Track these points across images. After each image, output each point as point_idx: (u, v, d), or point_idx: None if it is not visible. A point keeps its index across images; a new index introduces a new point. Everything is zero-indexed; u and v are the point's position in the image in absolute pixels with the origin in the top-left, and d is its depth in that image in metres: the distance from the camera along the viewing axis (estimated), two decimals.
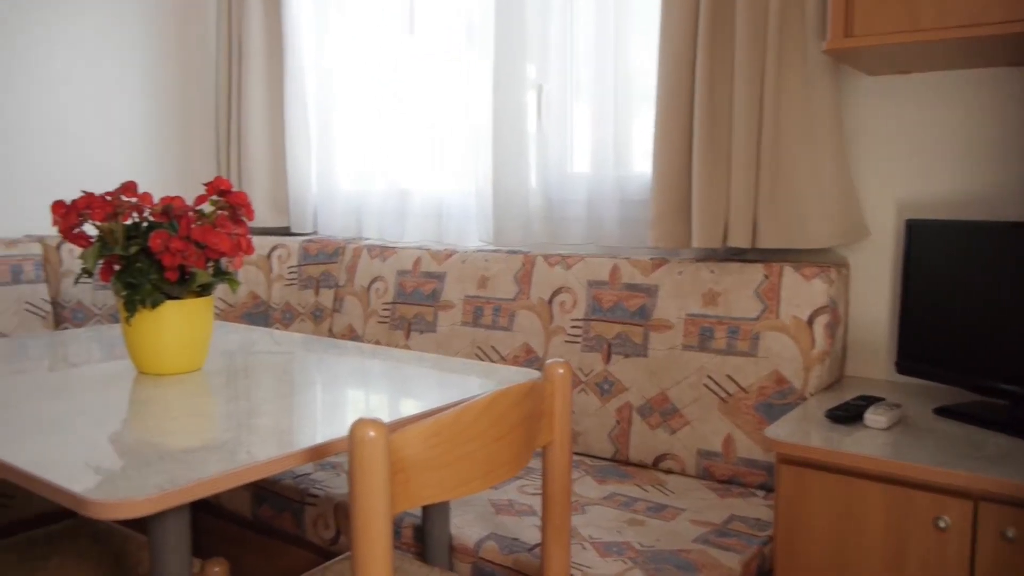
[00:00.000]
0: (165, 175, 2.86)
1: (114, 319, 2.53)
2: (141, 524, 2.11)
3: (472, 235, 2.41)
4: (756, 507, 1.66)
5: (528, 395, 1.12)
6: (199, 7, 2.92)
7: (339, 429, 1.17)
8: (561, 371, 1.21)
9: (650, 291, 1.93)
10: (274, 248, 2.65)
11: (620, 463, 1.94)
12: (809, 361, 1.72)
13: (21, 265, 2.34)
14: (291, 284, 2.61)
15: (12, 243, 2.35)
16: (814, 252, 1.90)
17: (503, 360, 2.13)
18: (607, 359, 1.97)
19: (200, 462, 1.01)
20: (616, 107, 2.10)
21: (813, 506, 1.35)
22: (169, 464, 1.01)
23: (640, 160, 2.14)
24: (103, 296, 2.51)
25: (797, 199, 1.79)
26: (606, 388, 1.95)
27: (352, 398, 1.38)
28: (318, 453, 1.08)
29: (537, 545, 1.49)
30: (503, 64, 2.21)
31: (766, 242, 1.82)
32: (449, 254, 2.30)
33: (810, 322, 1.73)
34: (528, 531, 1.55)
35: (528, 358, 2.09)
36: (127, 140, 2.75)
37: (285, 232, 2.88)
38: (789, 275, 1.77)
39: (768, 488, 1.75)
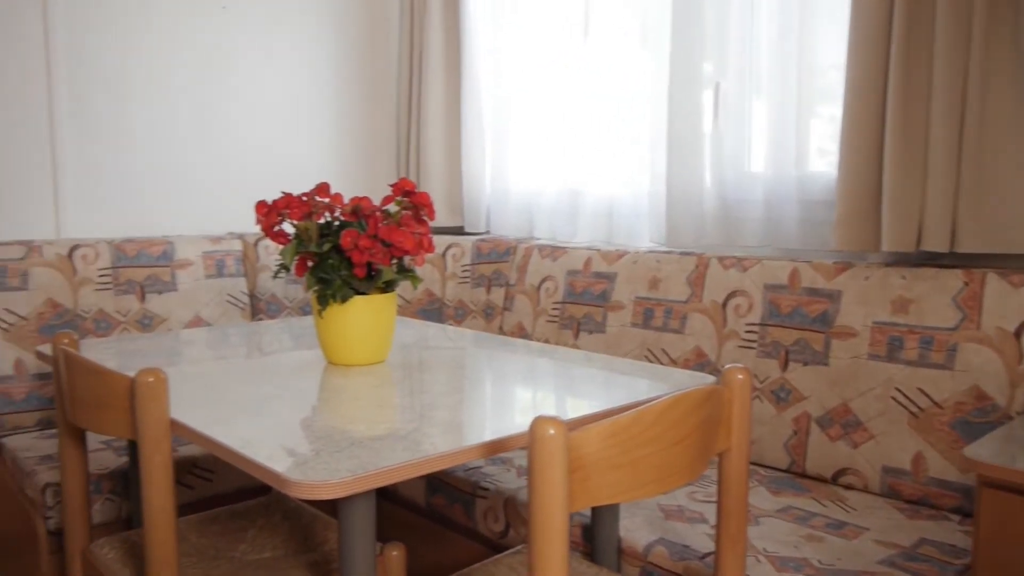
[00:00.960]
0: (351, 177, 3.02)
1: (303, 312, 2.71)
2: (327, 505, 2.24)
3: (643, 236, 2.39)
4: (950, 532, 1.54)
5: (707, 400, 1.10)
6: (383, 24, 3.07)
7: (509, 425, 1.19)
8: (740, 377, 1.17)
9: (833, 296, 1.84)
10: (449, 247, 2.74)
11: (796, 475, 1.86)
12: (1016, 377, 1.57)
13: (224, 260, 2.55)
14: (464, 282, 2.68)
15: (217, 240, 2.56)
16: (1020, 258, 1.74)
17: (673, 363, 2.10)
18: (784, 366, 1.89)
19: (388, 450, 1.06)
20: (799, 103, 2.01)
21: (1021, 536, 1.23)
22: (359, 451, 1.07)
23: (822, 158, 2.04)
24: (294, 290, 2.69)
25: (1004, 198, 1.64)
26: (782, 396, 1.88)
27: (522, 395, 1.40)
28: (496, 448, 1.11)
29: (709, 554, 1.46)
30: (679, 62, 2.17)
31: (966, 245, 1.68)
32: (620, 255, 2.28)
33: (1018, 334, 1.58)
34: (699, 538, 1.52)
35: (699, 362, 2.04)
36: (317, 145, 2.94)
37: (459, 231, 2.97)
38: (994, 282, 1.63)
39: (964, 512, 1.62)
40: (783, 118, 2.04)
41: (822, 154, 2.04)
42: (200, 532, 1.62)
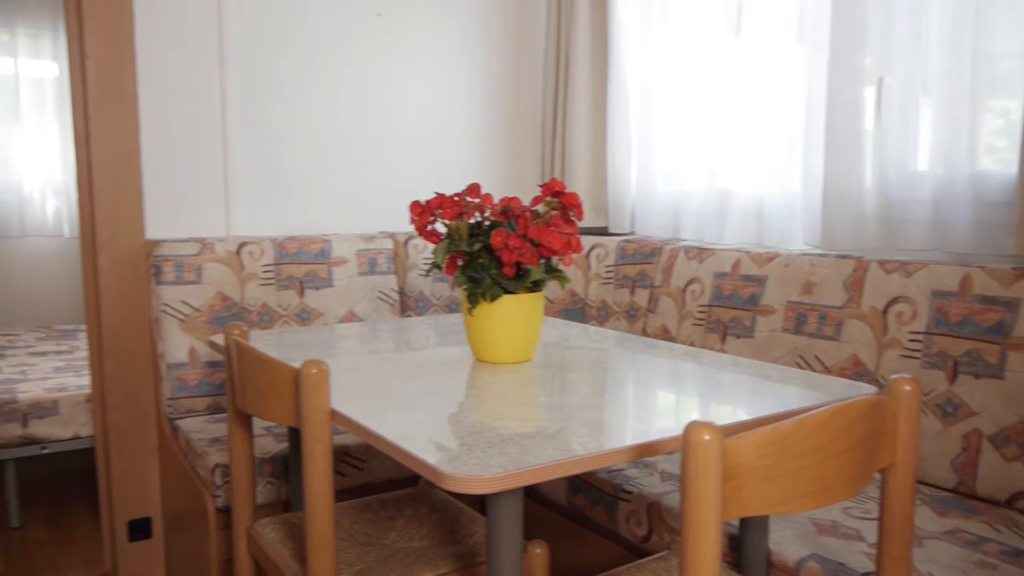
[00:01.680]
0: (496, 178, 3.08)
1: (448, 309, 2.78)
2: (471, 499, 2.29)
3: (796, 237, 2.29)
4: None
5: (871, 412, 1.04)
6: (529, 26, 3.10)
7: (654, 429, 1.17)
8: (908, 388, 1.11)
9: (1009, 305, 1.70)
10: (593, 247, 2.74)
11: (964, 496, 1.73)
12: None
13: (376, 258, 2.65)
14: (607, 283, 2.67)
15: (370, 238, 2.67)
16: None
17: (827, 371, 2.00)
18: (952, 378, 1.77)
19: (538, 448, 1.07)
20: (972, 96, 1.88)
21: None
22: (509, 447, 1.08)
23: (990, 155, 1.89)
24: (440, 288, 2.76)
25: None
26: (949, 411, 1.76)
27: (666, 399, 1.38)
28: (647, 451, 1.09)
29: (868, 574, 1.39)
30: (839, 57, 2.07)
31: None
32: (771, 257, 2.21)
33: None
34: (855, 557, 1.45)
35: (856, 371, 1.94)
36: (465, 146, 3.00)
37: (603, 232, 2.96)
38: None
39: None
40: (954, 113, 1.90)
41: (990, 151, 1.89)
42: (353, 518, 1.69)
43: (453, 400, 1.35)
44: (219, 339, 1.83)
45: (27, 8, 4.26)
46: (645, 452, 1.10)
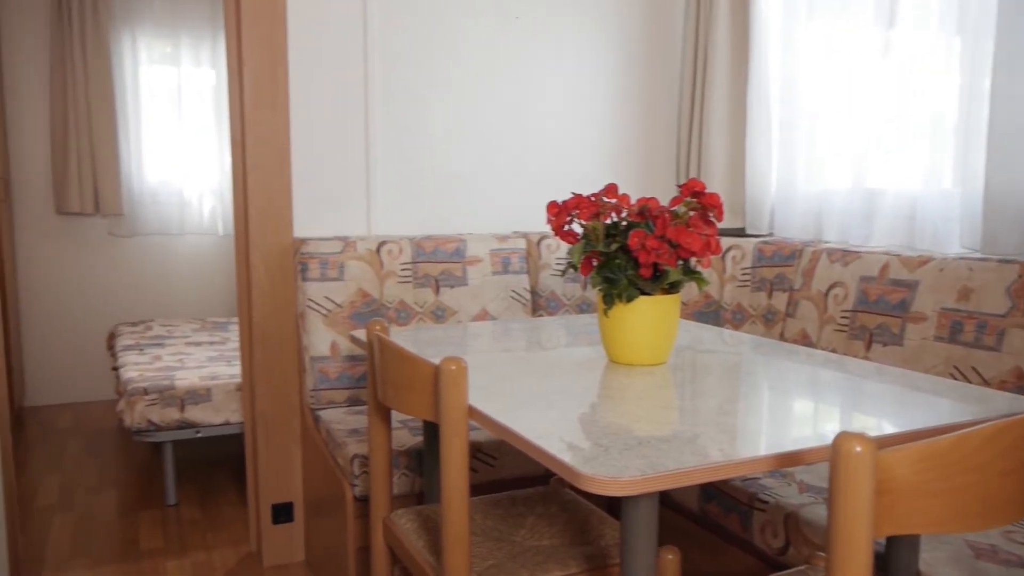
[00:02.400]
0: (630, 178, 3.05)
1: (579, 309, 2.77)
2: (602, 500, 2.28)
3: (952, 240, 2.15)
4: None
5: None
6: (666, 26, 3.05)
7: (792, 437, 1.13)
8: None
9: None
10: (729, 249, 2.67)
11: None
12: None
13: (510, 258, 2.68)
14: (743, 285, 2.60)
15: (504, 238, 2.70)
16: None
17: (985, 384, 1.87)
18: None
19: (676, 452, 1.06)
20: None
21: None
22: (647, 450, 1.07)
23: None
24: (572, 288, 2.77)
25: None
26: None
27: (805, 407, 1.32)
28: (791, 460, 1.06)
29: None
30: (1005, 48, 1.93)
31: None
32: (923, 260, 2.08)
33: None
34: None
35: (1019, 384, 1.81)
36: (598, 147, 2.99)
37: (740, 233, 2.88)
38: None
39: None
40: None
41: None
42: (484, 514, 1.72)
43: (586, 400, 1.35)
44: (360, 334, 1.90)
45: (189, 21, 4.56)
46: (789, 461, 1.06)
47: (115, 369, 3.49)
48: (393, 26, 2.64)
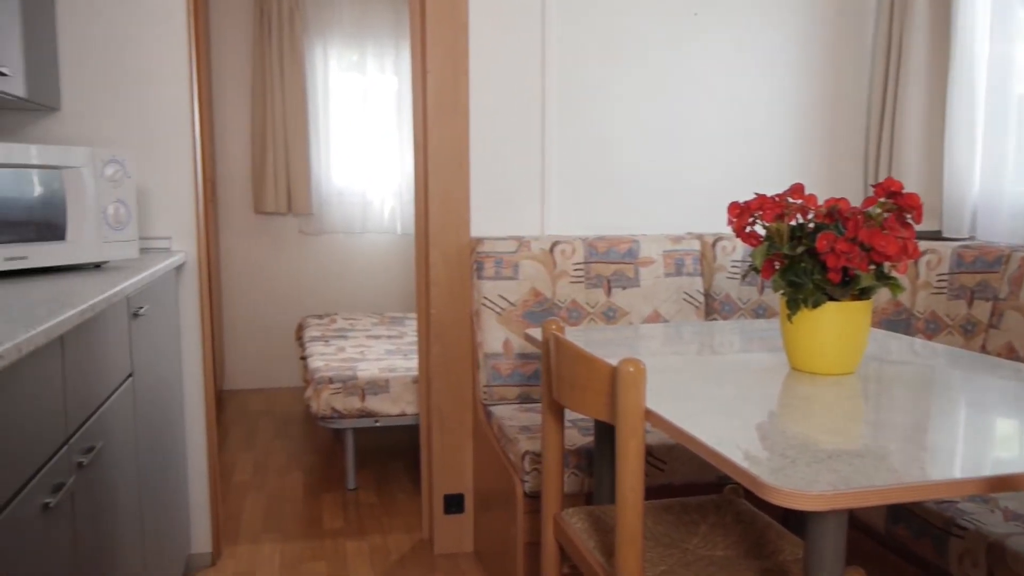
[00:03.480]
0: (815, 179, 2.91)
1: (755, 314, 2.68)
2: (778, 513, 2.19)
3: None
4: None
5: None
6: (854, 20, 2.88)
7: (986, 458, 1.03)
8: None
9: None
10: (923, 253, 2.49)
11: None
12: None
13: (683, 259, 2.63)
14: (939, 293, 2.41)
15: (677, 239, 2.66)
16: None
17: None
18: None
19: (870, 469, 0.99)
20: None
21: None
22: (837, 464, 1.01)
23: None
24: (747, 292, 2.68)
25: None
26: None
27: (1007, 427, 1.21)
28: (1003, 485, 0.97)
29: None
30: None
31: None
32: None
33: None
34: None
35: None
36: (780, 146, 2.88)
37: (936, 236, 2.68)
38: None
39: None
40: None
41: None
42: (655, 519, 1.69)
43: (767, 408, 1.30)
44: (534, 333, 1.92)
45: (374, 30, 4.81)
46: (1001, 486, 0.97)
47: (303, 358, 3.73)
48: (571, 27, 2.65)
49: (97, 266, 1.95)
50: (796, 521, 2.21)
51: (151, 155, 2.43)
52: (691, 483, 2.17)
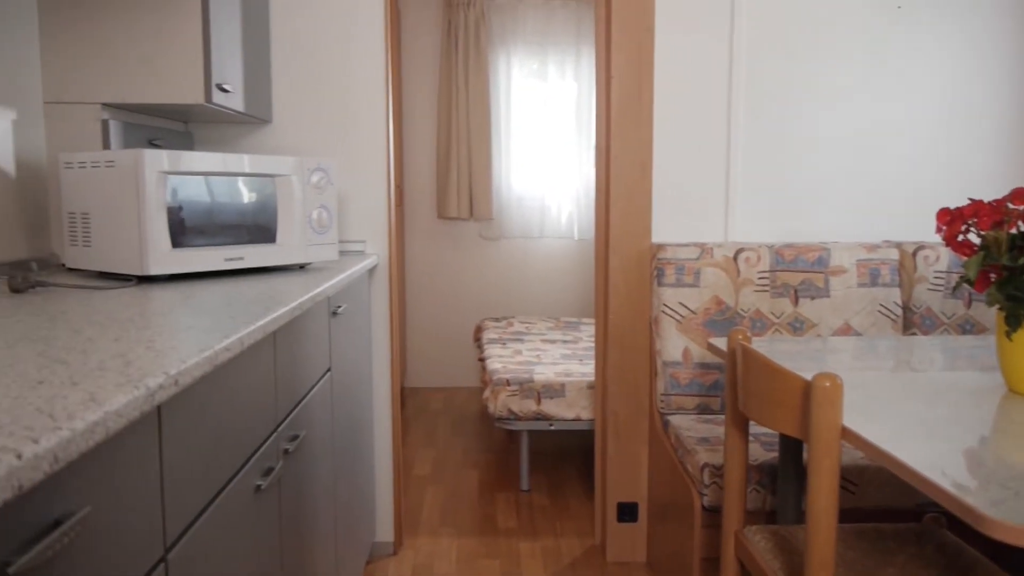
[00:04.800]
0: None
1: (961, 329, 2.47)
2: (988, 548, 2.01)
3: None
4: None
5: None
6: None
7: None
8: None
9: None
10: None
11: None
12: None
13: (879, 269, 2.47)
14: None
15: (872, 248, 2.50)
16: None
17: None
18: None
19: None
20: None
21: None
22: None
23: None
24: (952, 305, 2.48)
25: None
26: None
27: None
28: None
29: None
30: None
31: None
32: None
33: None
34: None
35: None
36: (990, 150, 2.64)
37: None
38: None
39: None
40: None
41: None
42: (847, 544, 1.60)
43: (979, 433, 1.19)
44: (718, 342, 1.87)
45: (556, 37, 4.87)
46: None
47: (481, 360, 3.83)
48: (760, 28, 2.57)
49: (301, 267, 2.09)
50: (1010, 557, 2.02)
51: (349, 163, 2.59)
52: (885, 508, 2.03)
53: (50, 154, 2.02)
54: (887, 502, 2.02)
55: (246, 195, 1.89)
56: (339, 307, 2.03)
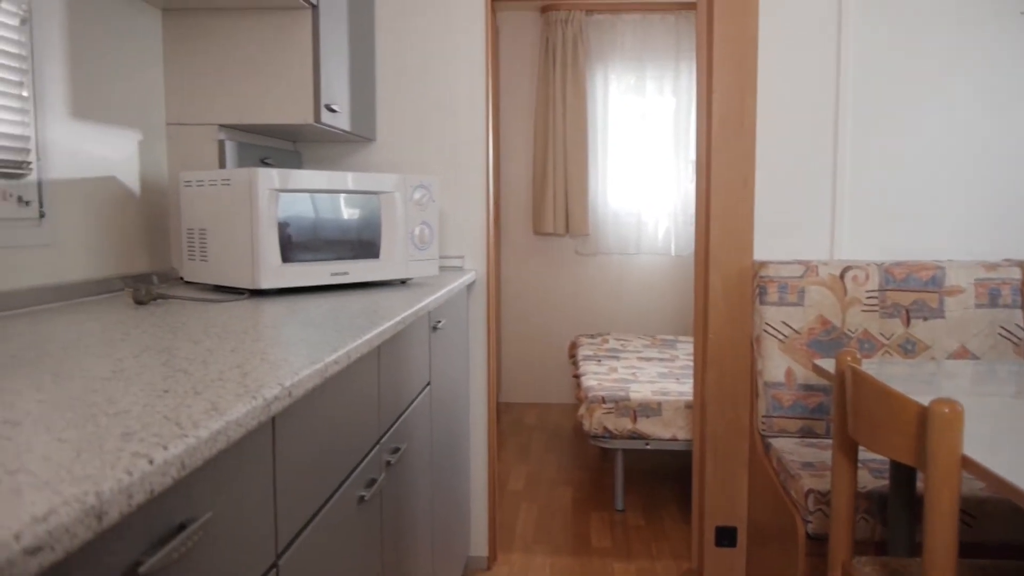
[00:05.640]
0: None
1: None
2: None
3: None
4: None
5: None
6: None
7: None
8: None
9: None
10: None
11: None
12: None
13: (999, 288, 2.35)
14: None
15: (992, 267, 2.37)
16: None
17: None
18: None
19: None
20: None
21: None
22: None
23: None
24: None
25: None
26: None
27: None
28: None
29: None
30: None
31: None
32: None
33: None
34: None
35: None
36: None
37: None
38: None
39: None
40: None
41: None
42: None
43: None
44: (823, 363, 1.81)
45: (655, 52, 4.84)
46: None
47: (576, 376, 3.82)
48: (869, 40, 2.48)
49: (403, 282, 2.14)
50: None
51: (449, 180, 2.63)
52: (1006, 543, 1.91)
53: (171, 173, 2.14)
54: (1010, 537, 1.90)
55: (351, 212, 1.94)
56: (439, 322, 2.06)
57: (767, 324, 2.40)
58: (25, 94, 1.56)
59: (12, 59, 1.52)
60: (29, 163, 1.57)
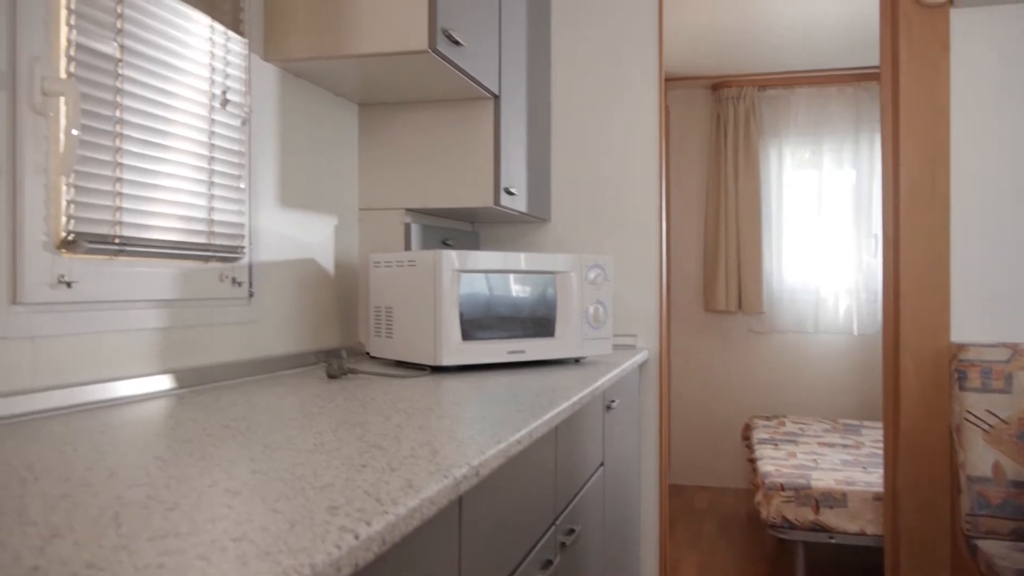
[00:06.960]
0: None
1: None
2: None
3: None
4: None
5: None
6: None
7: None
8: None
9: None
10: None
11: None
12: None
13: None
14: None
15: None
16: None
17: None
18: None
19: None
20: None
21: None
22: None
23: None
24: None
25: None
26: None
27: None
28: None
29: None
30: None
31: None
32: None
33: None
34: None
35: None
36: None
37: None
38: None
39: None
40: None
41: None
42: None
43: None
44: None
45: (832, 125, 4.69)
46: None
47: (751, 460, 3.65)
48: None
49: (576, 360, 2.15)
50: None
51: (622, 259, 2.64)
52: None
53: (361, 254, 2.28)
54: None
55: (526, 290, 1.99)
56: (612, 401, 2.05)
57: (968, 412, 2.20)
58: (242, 186, 1.73)
59: (234, 155, 1.70)
60: (243, 247, 1.73)
